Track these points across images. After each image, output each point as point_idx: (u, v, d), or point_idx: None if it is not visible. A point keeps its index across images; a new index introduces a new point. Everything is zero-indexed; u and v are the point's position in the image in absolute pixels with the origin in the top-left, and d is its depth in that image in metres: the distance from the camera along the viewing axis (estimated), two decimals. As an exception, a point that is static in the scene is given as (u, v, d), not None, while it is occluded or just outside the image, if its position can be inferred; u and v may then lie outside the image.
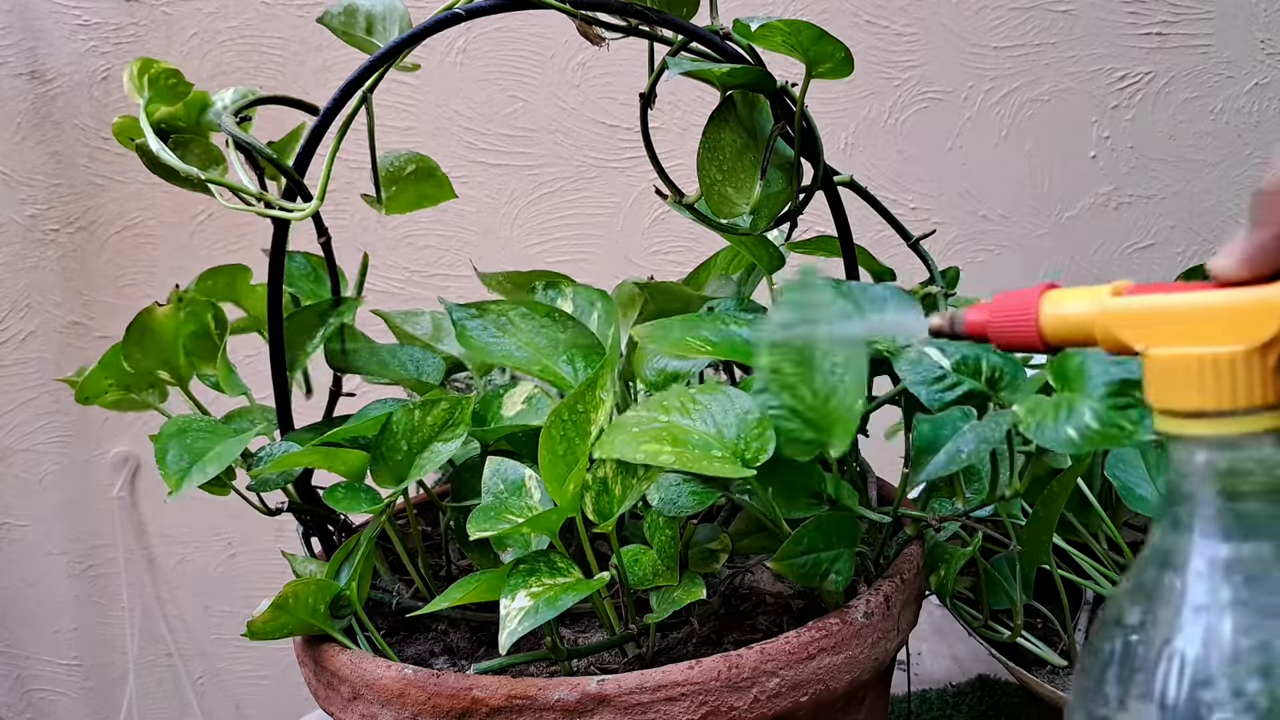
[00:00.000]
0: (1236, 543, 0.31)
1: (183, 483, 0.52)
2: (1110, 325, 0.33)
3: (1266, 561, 0.31)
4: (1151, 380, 0.32)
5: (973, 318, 0.37)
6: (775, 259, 0.60)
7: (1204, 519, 0.32)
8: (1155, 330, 0.32)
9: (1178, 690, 0.31)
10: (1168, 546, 0.33)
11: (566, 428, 0.46)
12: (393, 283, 1.13)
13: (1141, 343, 0.32)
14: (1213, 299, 0.31)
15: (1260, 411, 0.31)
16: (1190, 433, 0.31)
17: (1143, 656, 0.32)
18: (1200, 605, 0.31)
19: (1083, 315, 0.34)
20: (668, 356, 0.56)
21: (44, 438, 1.18)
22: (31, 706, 1.25)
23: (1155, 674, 0.32)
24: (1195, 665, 0.31)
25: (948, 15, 1.10)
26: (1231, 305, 0.31)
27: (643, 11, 0.52)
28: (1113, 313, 0.33)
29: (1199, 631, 0.31)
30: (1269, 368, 0.30)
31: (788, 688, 0.44)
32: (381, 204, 0.62)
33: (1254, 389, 0.30)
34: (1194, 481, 0.32)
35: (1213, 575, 0.31)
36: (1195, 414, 0.31)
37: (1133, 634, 0.33)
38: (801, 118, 0.54)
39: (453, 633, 0.54)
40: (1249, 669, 0.30)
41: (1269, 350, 0.30)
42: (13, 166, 1.11)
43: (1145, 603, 0.33)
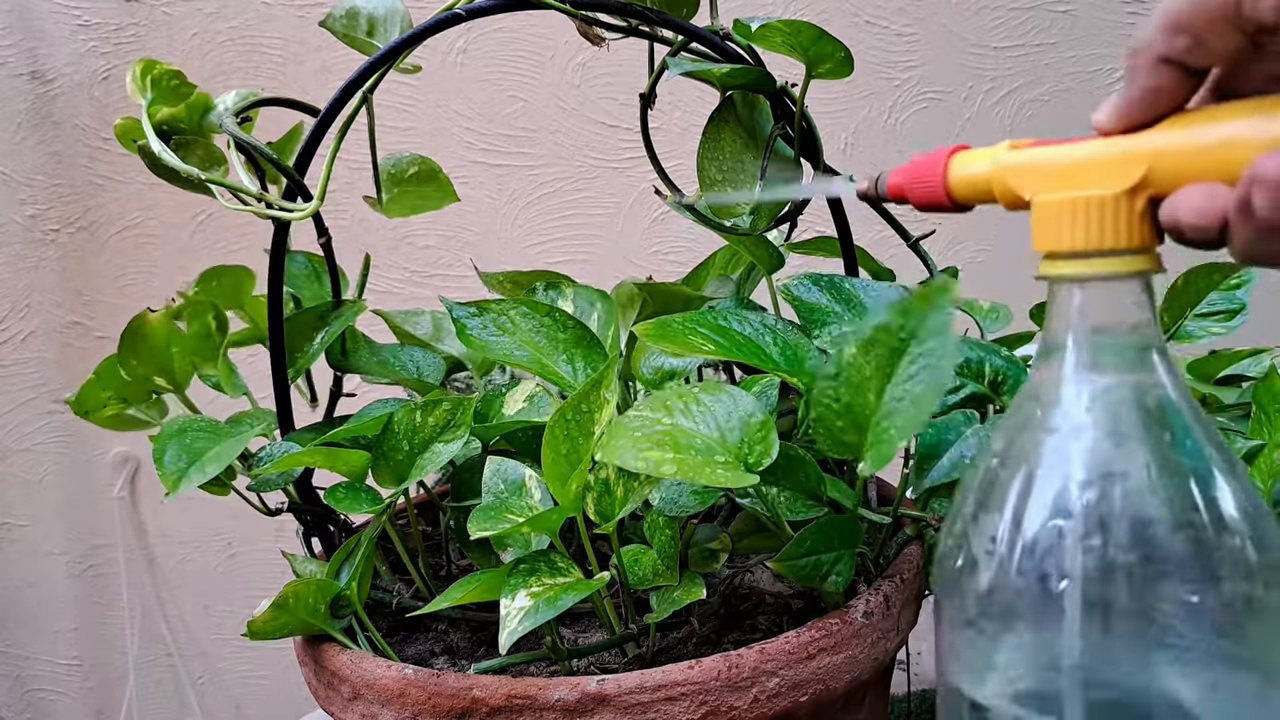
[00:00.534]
0: (1096, 375, 0.34)
1: (180, 483, 0.52)
2: (1004, 178, 0.35)
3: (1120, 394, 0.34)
4: (1036, 227, 0.35)
5: (893, 180, 0.40)
6: (775, 259, 0.60)
7: (1074, 355, 0.35)
8: (1041, 180, 0.35)
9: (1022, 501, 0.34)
10: (1037, 382, 0.35)
11: (570, 427, 0.46)
12: (393, 283, 1.13)
13: (1029, 192, 0.35)
14: (1089, 149, 0.34)
15: (1127, 253, 0.34)
16: (1065, 272, 0.34)
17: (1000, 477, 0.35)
18: (1054, 428, 0.34)
19: (982, 173, 0.36)
20: (667, 355, 0.56)
21: (44, 438, 1.18)
22: (31, 706, 1.25)
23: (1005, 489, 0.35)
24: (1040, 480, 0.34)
25: (948, 15, 1.10)
26: (1103, 154, 0.34)
27: (643, 12, 0.53)
28: (1006, 166, 0.35)
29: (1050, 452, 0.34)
30: (1136, 211, 0.33)
31: (788, 688, 0.44)
32: (382, 205, 0.62)
33: (1120, 231, 0.33)
34: (1067, 321, 0.35)
35: (1074, 405, 0.34)
36: (1071, 254, 0.34)
37: (993, 459, 0.36)
38: (801, 118, 0.54)
39: (453, 632, 0.55)
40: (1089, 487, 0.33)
41: (1136, 195, 0.33)
42: (13, 166, 1.11)
43: (1009, 433, 0.36)
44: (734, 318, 0.53)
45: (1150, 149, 0.33)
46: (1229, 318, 0.60)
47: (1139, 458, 0.33)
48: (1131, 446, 0.33)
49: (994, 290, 0.74)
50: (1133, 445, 0.33)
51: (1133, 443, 0.33)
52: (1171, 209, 0.32)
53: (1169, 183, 0.33)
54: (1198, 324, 0.61)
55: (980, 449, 0.48)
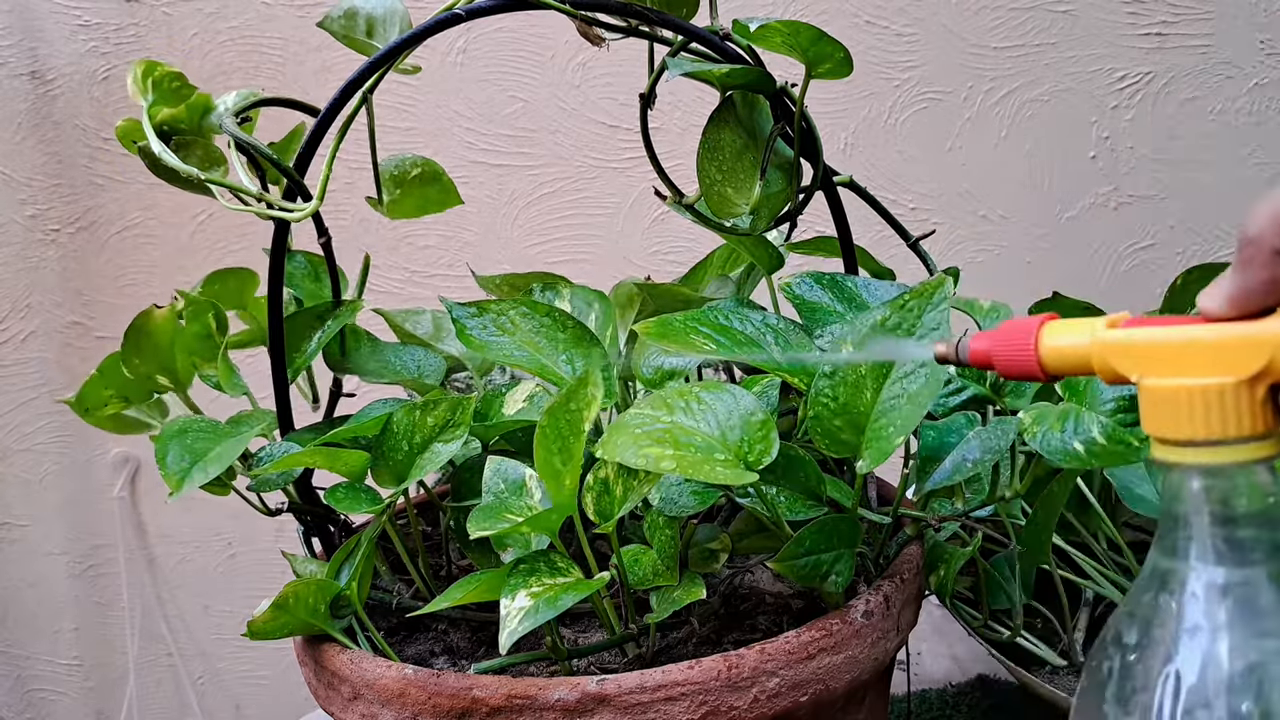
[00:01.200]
0: (1229, 567, 0.32)
1: (183, 483, 0.52)
2: (1106, 356, 0.34)
3: (1258, 585, 0.32)
4: (1146, 410, 0.33)
5: (976, 346, 0.38)
6: (775, 259, 0.60)
7: (1198, 544, 0.33)
8: (1148, 362, 0.33)
9: (1173, 709, 0.32)
10: (1164, 570, 0.34)
11: (560, 425, 0.46)
12: (393, 283, 1.13)
13: (1135, 373, 0.34)
14: (1203, 333, 0.33)
15: (1250, 441, 0.32)
16: (1183, 461, 0.33)
17: (1140, 676, 0.33)
18: (1195, 627, 0.32)
19: (1079, 347, 0.35)
20: (668, 355, 0.56)
21: (44, 438, 1.18)
22: (31, 706, 1.25)
23: (1153, 694, 0.32)
24: (1190, 686, 0.32)
25: (948, 15, 1.10)
26: (1220, 340, 0.32)
27: (642, 12, 0.53)
28: (1108, 344, 0.34)
29: (1194, 653, 0.32)
30: (1257, 399, 0.32)
31: (788, 687, 0.44)
32: (383, 206, 0.62)
33: (1243, 419, 0.32)
34: (1188, 508, 0.33)
35: (1207, 599, 0.32)
36: (1188, 443, 0.33)
37: (1130, 654, 0.34)
38: (801, 118, 0.54)
39: (453, 633, 0.55)
40: (1242, 690, 0.31)
41: (1257, 383, 0.32)
42: (13, 166, 1.11)
43: (1143, 624, 0.34)
44: (735, 316, 0.53)
45: (1274, 336, 0.32)
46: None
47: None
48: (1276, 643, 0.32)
49: (994, 290, 0.74)
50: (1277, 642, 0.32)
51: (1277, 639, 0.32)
52: None
53: None
54: (1198, 324, 0.61)
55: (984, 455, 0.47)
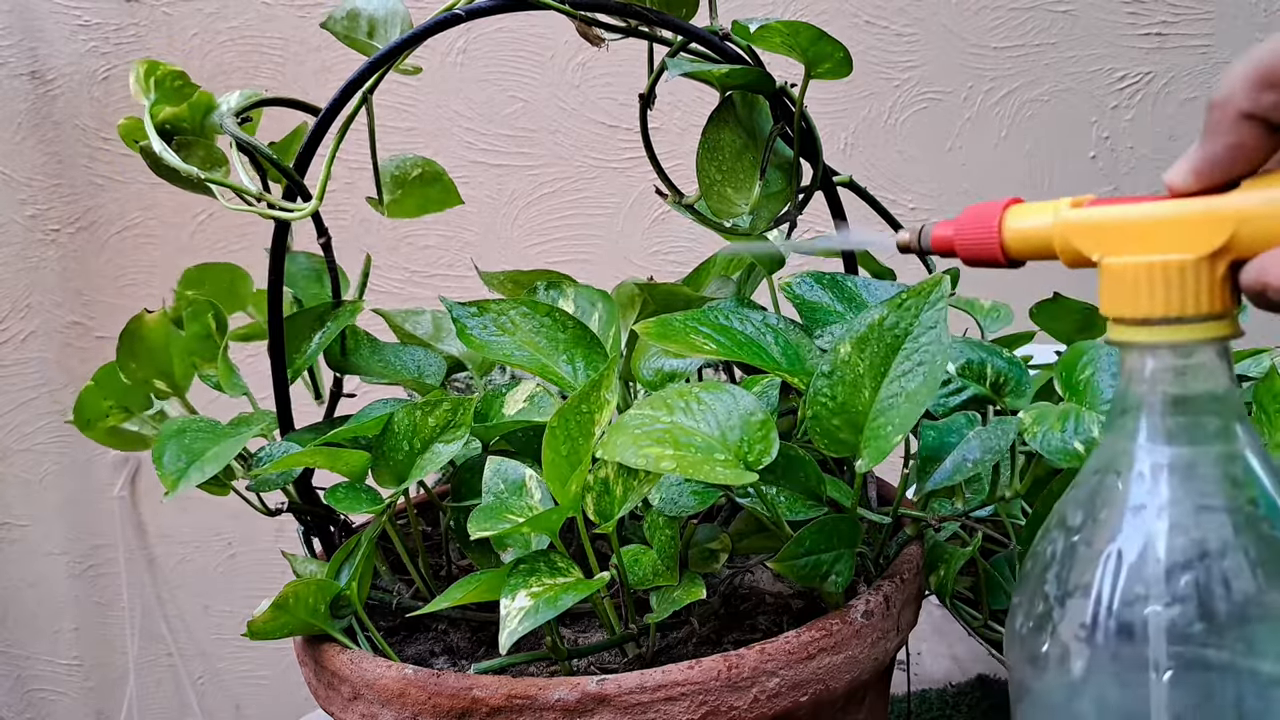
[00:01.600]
0: (1177, 447, 0.32)
1: (180, 483, 0.52)
2: (1067, 235, 0.34)
3: (1204, 465, 0.32)
4: (1105, 289, 0.33)
5: (939, 232, 0.38)
6: (775, 259, 0.60)
7: (1149, 424, 0.33)
8: (1110, 240, 0.33)
9: (1113, 584, 0.32)
10: (1112, 452, 0.34)
11: (570, 427, 0.46)
12: (393, 283, 1.13)
13: (1097, 252, 0.33)
14: (1165, 209, 0.32)
15: (1207, 320, 0.32)
16: (1140, 340, 0.32)
17: (1083, 555, 0.33)
18: (1139, 505, 0.33)
19: (1042, 228, 0.35)
20: (668, 356, 0.56)
21: (44, 438, 1.18)
22: (31, 706, 1.25)
23: (1093, 570, 0.33)
24: (1131, 563, 0.32)
25: (948, 15, 1.10)
26: (1182, 215, 0.32)
27: (642, 12, 0.53)
28: (1070, 223, 0.34)
29: (1137, 531, 0.32)
30: (1216, 277, 0.31)
31: (788, 687, 0.44)
32: (384, 206, 0.62)
33: (1201, 297, 0.31)
34: (1141, 388, 0.33)
35: (1154, 477, 0.33)
36: (1145, 321, 0.32)
37: (1074, 535, 0.34)
38: (801, 118, 0.54)
39: (453, 633, 0.55)
40: (1182, 565, 0.32)
41: (1217, 259, 0.31)
42: (13, 166, 1.11)
43: (1088, 505, 0.34)
44: (735, 316, 0.53)
45: (1236, 211, 0.31)
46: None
47: (1230, 534, 0.32)
48: (1222, 522, 0.32)
49: (994, 289, 0.74)
50: (1223, 521, 0.32)
51: (1223, 518, 0.32)
52: (1259, 273, 0.30)
53: (1255, 246, 0.31)
54: (1198, 324, 0.61)
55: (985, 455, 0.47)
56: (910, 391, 0.46)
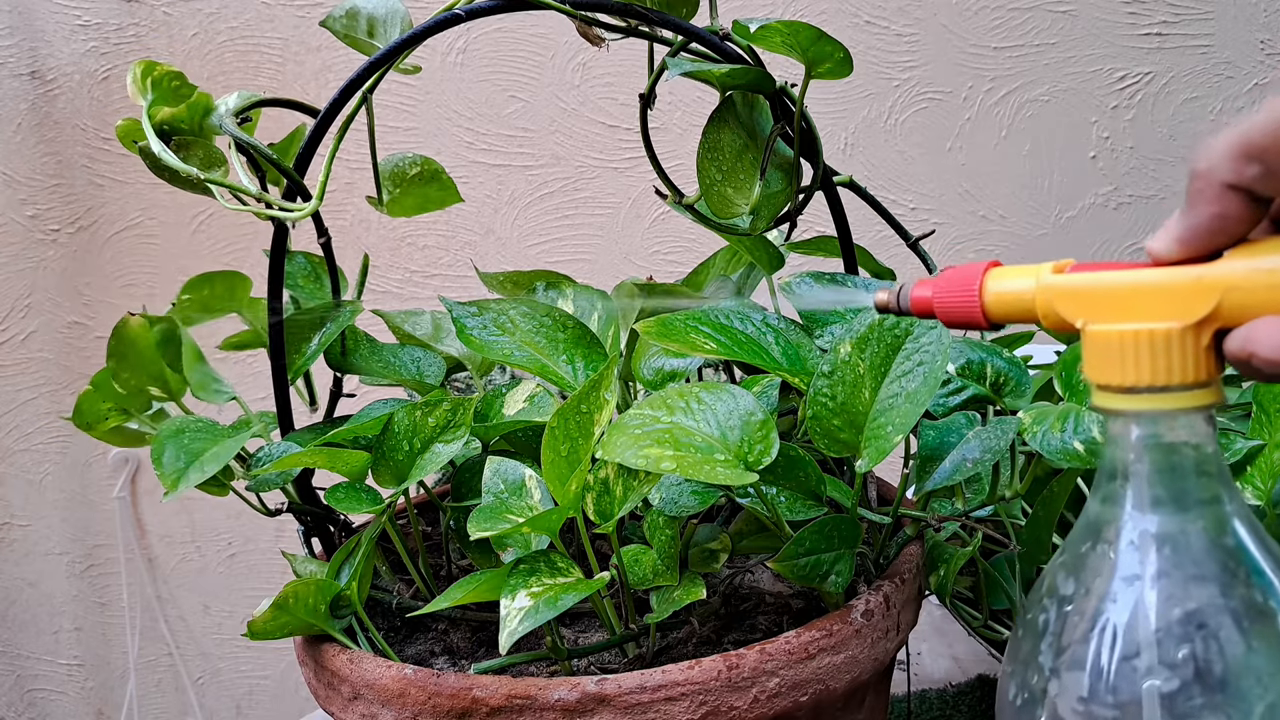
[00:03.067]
0: (1166, 515, 0.32)
1: (179, 483, 0.52)
2: (1051, 301, 0.33)
3: (1193, 534, 0.32)
4: (1089, 356, 0.33)
5: (918, 293, 0.37)
6: (775, 259, 0.60)
7: (1136, 492, 0.33)
8: (1093, 307, 0.32)
9: (1109, 658, 0.32)
10: (1101, 519, 0.33)
11: (570, 428, 0.46)
12: (392, 283, 1.13)
13: (1080, 318, 0.33)
14: (1149, 277, 0.32)
15: (1193, 388, 0.31)
16: (1125, 407, 0.32)
17: (1075, 626, 0.33)
18: (1131, 575, 0.32)
19: (1024, 292, 0.34)
20: (668, 356, 0.56)
21: (44, 438, 1.18)
22: (32, 706, 1.25)
23: (1088, 643, 0.32)
24: (1126, 633, 0.32)
25: (947, 16, 1.10)
26: (1167, 283, 0.31)
27: (642, 12, 0.53)
28: (1053, 289, 0.33)
29: (1130, 601, 0.32)
30: (1201, 346, 0.31)
31: (788, 688, 0.44)
32: (383, 205, 0.62)
33: (1187, 366, 0.31)
34: (1128, 456, 0.33)
35: (1143, 547, 0.32)
36: (1130, 389, 0.32)
37: (1066, 605, 0.33)
38: (801, 118, 0.54)
39: (453, 633, 0.55)
40: (1177, 637, 0.31)
41: (1202, 328, 0.31)
42: (13, 166, 1.11)
43: (1078, 574, 0.33)
44: (736, 316, 0.53)
45: (1221, 280, 0.31)
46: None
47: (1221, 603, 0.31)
48: (1213, 592, 0.32)
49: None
50: (1214, 591, 0.32)
51: (1214, 588, 0.32)
52: (1244, 343, 0.30)
53: (1240, 315, 0.31)
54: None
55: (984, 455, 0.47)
56: (910, 391, 0.46)
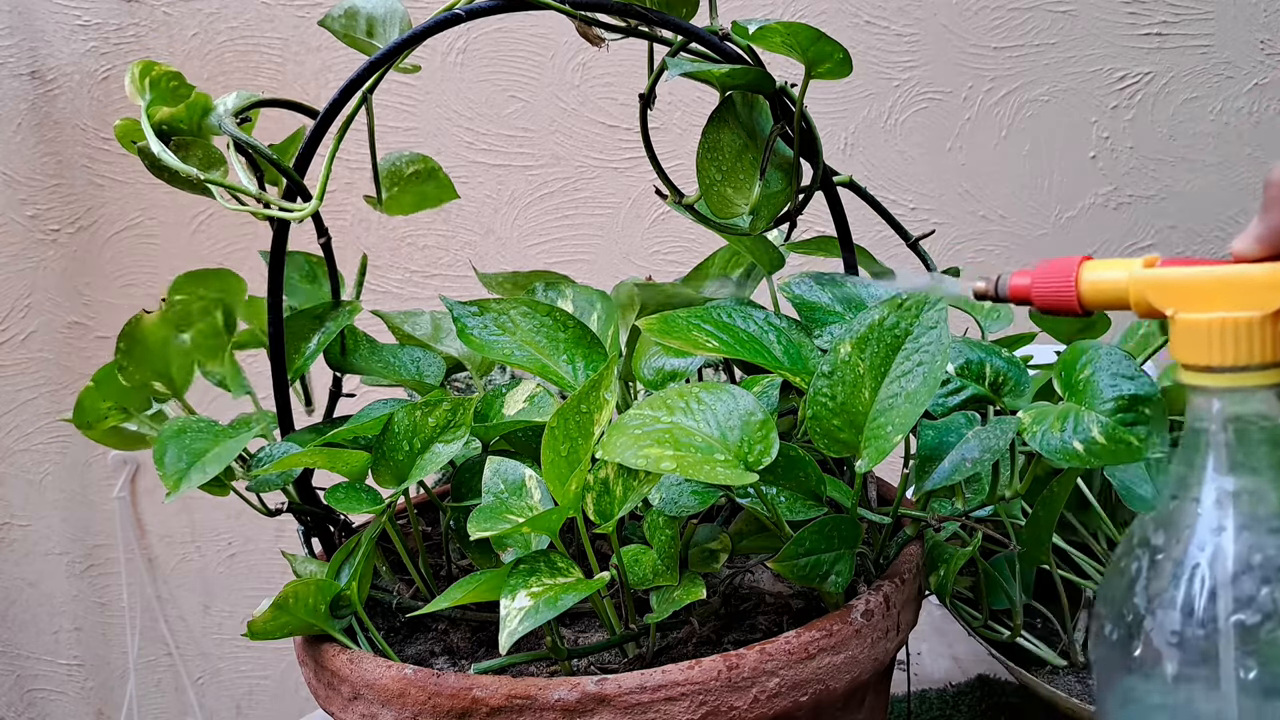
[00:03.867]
0: (1243, 476, 0.38)
1: (181, 483, 0.52)
2: (1143, 291, 0.38)
3: (1265, 491, 0.37)
4: (1177, 340, 0.38)
5: (1016, 282, 0.42)
6: (775, 259, 0.60)
7: (1217, 457, 0.38)
8: (1182, 297, 0.38)
9: (1199, 597, 0.37)
10: (1186, 480, 0.39)
11: (569, 428, 0.46)
12: (392, 283, 1.13)
13: (1170, 308, 0.38)
14: (1232, 272, 0.37)
15: (1267, 368, 0.37)
16: (1209, 384, 0.37)
17: (1168, 572, 0.38)
18: (1216, 528, 0.38)
19: (1118, 282, 0.39)
20: (668, 357, 0.56)
21: (44, 438, 1.18)
22: (32, 706, 1.25)
23: (1179, 585, 0.38)
24: (1212, 577, 0.37)
25: (947, 16, 1.10)
26: (1248, 278, 0.37)
27: (642, 12, 0.53)
28: (1145, 281, 0.38)
29: (1215, 549, 0.37)
30: (1276, 331, 0.36)
31: (788, 687, 0.44)
32: (382, 204, 0.62)
33: (1265, 349, 0.36)
34: (1208, 425, 0.38)
35: (1223, 504, 0.38)
36: (1213, 369, 0.37)
37: (1158, 554, 0.39)
38: (801, 118, 0.54)
39: (453, 633, 0.55)
40: (1256, 578, 0.37)
41: (1278, 317, 0.36)
42: (13, 166, 1.11)
43: (1167, 527, 0.39)
44: (738, 314, 0.53)
45: None
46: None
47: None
48: None
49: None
50: None
51: None
52: None
53: None
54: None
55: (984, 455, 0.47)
56: (910, 392, 0.46)
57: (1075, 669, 0.58)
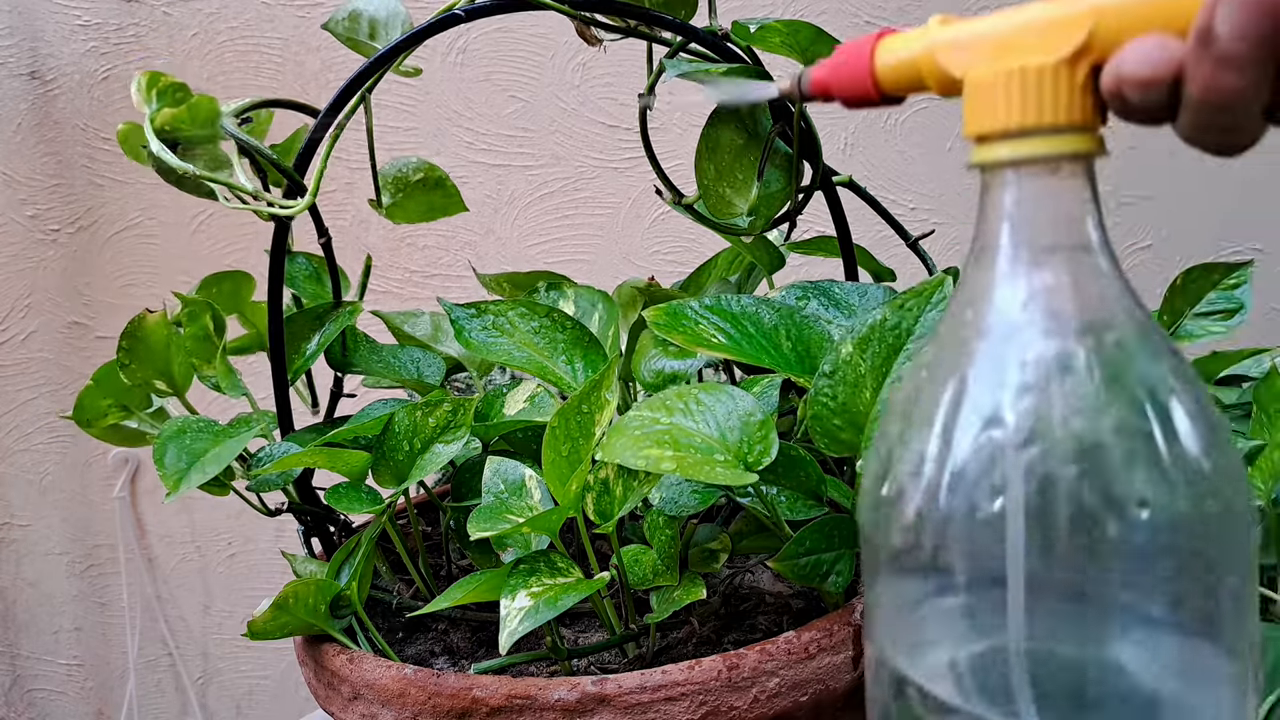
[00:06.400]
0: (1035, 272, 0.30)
1: (181, 484, 0.52)
2: (935, 57, 0.32)
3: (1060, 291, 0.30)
4: (968, 109, 0.31)
5: (816, 75, 0.35)
6: (775, 259, 0.60)
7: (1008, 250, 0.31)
8: (976, 55, 0.31)
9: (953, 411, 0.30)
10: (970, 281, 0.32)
11: (570, 428, 0.46)
12: (392, 283, 1.13)
13: (961, 69, 0.31)
14: (1027, 14, 0.30)
15: (1068, 131, 0.30)
16: (1000, 156, 0.30)
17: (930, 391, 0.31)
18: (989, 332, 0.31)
19: (912, 55, 0.32)
20: (668, 358, 0.56)
21: (44, 438, 1.18)
22: (32, 706, 1.25)
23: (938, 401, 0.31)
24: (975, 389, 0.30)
25: (947, 15, 1.10)
26: (1042, 18, 0.30)
27: (642, 12, 0.53)
28: (937, 43, 0.32)
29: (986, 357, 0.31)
30: (1078, 82, 0.29)
31: (788, 687, 0.44)
32: (383, 209, 0.62)
33: (1061, 103, 0.29)
34: (1001, 210, 0.31)
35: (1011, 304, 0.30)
36: (1003, 134, 0.30)
37: (922, 370, 0.32)
38: (800, 118, 0.54)
39: (453, 633, 0.55)
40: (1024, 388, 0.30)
41: (1078, 60, 0.29)
42: (13, 166, 1.11)
43: (941, 340, 0.32)
44: (751, 303, 0.52)
45: (1091, 6, 0.29)
46: (1228, 317, 0.61)
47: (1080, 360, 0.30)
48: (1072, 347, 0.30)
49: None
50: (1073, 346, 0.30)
51: (1073, 343, 0.30)
52: (1115, 67, 0.28)
53: (1114, 45, 0.29)
54: (1197, 323, 0.61)
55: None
56: None
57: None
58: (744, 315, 0.51)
